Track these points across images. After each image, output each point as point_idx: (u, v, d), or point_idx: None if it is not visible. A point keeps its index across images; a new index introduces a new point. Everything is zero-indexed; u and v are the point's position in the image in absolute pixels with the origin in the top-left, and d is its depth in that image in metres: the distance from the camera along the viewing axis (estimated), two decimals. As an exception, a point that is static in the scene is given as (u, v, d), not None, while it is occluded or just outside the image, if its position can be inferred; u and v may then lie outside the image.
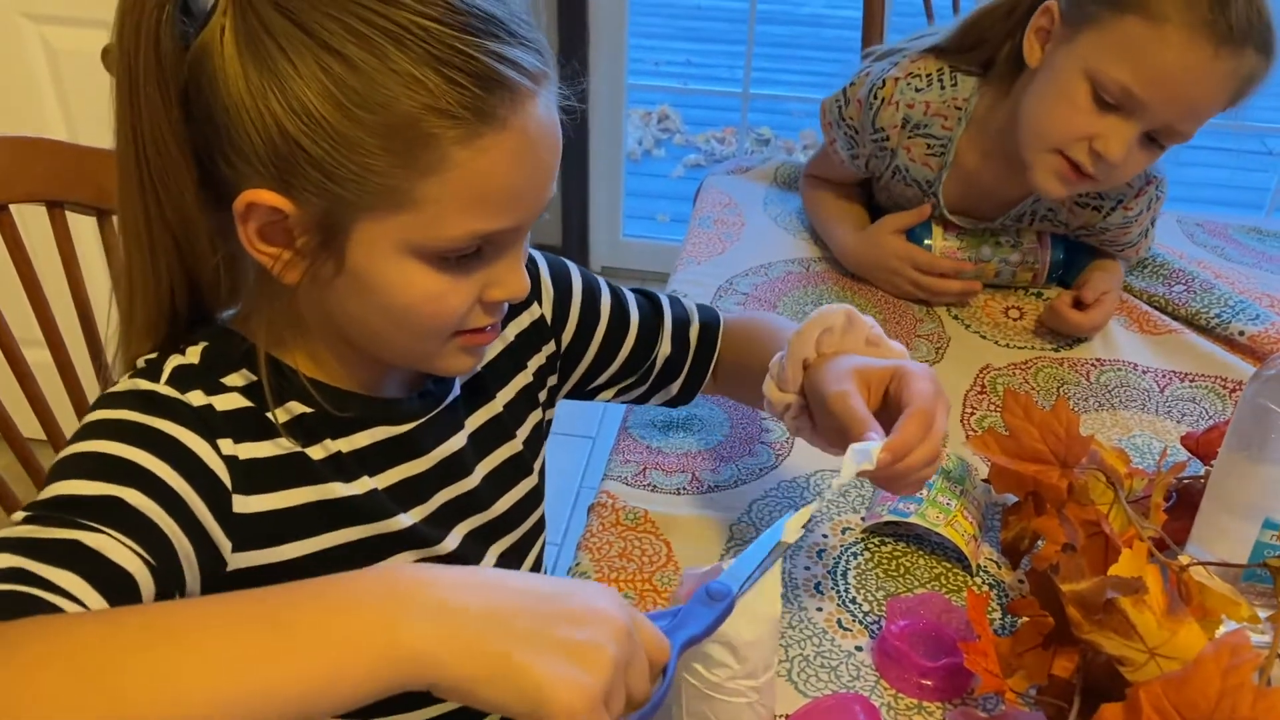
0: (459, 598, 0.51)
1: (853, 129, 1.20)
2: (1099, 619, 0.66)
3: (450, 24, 0.58)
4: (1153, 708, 0.59)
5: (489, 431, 0.80)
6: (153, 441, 0.62)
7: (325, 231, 0.61)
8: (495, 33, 0.60)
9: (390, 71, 0.57)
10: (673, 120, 3.78)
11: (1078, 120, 1.00)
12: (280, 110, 0.57)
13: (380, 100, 0.57)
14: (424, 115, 0.58)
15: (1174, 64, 0.94)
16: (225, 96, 0.58)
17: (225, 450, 0.64)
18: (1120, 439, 1.01)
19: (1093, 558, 0.76)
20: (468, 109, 0.58)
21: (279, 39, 0.57)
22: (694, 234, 1.33)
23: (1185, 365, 1.12)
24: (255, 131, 0.58)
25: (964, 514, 0.85)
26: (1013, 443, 0.82)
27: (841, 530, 0.89)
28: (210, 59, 0.58)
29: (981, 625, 0.73)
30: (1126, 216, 1.13)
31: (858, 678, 0.76)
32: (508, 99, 0.60)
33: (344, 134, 0.58)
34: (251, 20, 0.57)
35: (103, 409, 0.63)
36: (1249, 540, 0.74)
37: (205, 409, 0.64)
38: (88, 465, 0.60)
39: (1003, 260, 1.20)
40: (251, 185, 0.60)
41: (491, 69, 0.59)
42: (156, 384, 0.64)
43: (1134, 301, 1.23)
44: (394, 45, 0.57)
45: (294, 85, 0.57)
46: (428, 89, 0.57)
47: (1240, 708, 0.58)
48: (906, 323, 1.17)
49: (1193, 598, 0.72)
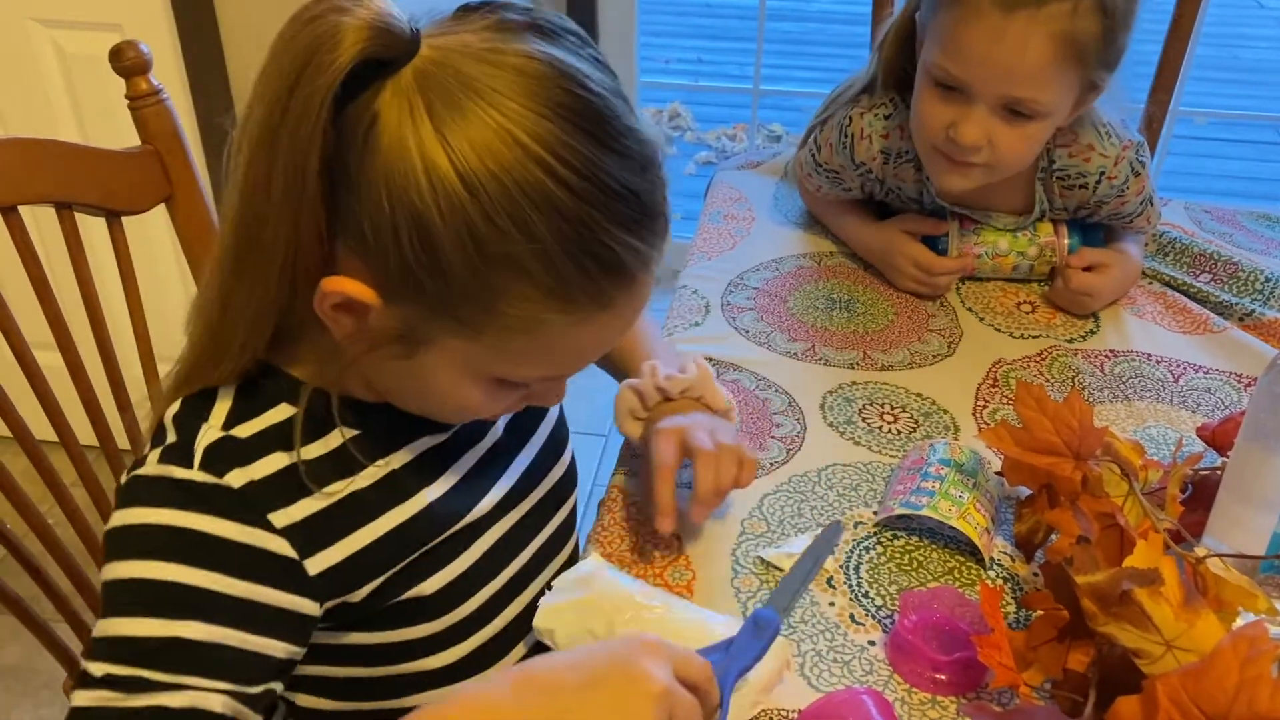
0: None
1: (833, 170, 1.23)
2: (1115, 611, 0.65)
3: (597, 206, 0.57)
4: (1170, 700, 0.59)
5: (527, 418, 0.83)
6: (204, 552, 0.60)
7: (405, 334, 0.61)
8: (636, 217, 0.59)
9: (529, 244, 0.56)
10: (684, 117, 3.78)
11: (930, 113, 1.07)
12: (408, 233, 0.56)
13: (511, 271, 0.57)
14: (544, 299, 0.58)
15: (975, 35, 0.99)
16: (364, 187, 0.56)
17: (280, 524, 0.63)
18: (1135, 430, 1.00)
19: (1108, 550, 0.75)
20: (589, 297, 0.59)
21: (429, 168, 0.55)
22: (704, 229, 1.33)
23: (1204, 358, 1.11)
24: (375, 235, 0.57)
25: (977, 507, 0.85)
26: (1026, 435, 0.81)
27: (854, 524, 0.88)
28: (353, 141, 0.56)
29: (995, 618, 0.72)
30: (1114, 185, 1.13)
31: (871, 672, 0.76)
32: (625, 286, 0.60)
33: (461, 283, 0.57)
34: (409, 129, 0.55)
35: (140, 505, 0.61)
36: (1266, 531, 0.73)
37: (247, 488, 0.63)
38: (146, 597, 0.60)
39: (1020, 254, 1.19)
40: (349, 270, 0.59)
41: (622, 261, 0.59)
42: (191, 470, 0.62)
43: (1158, 287, 1.22)
44: (541, 219, 0.56)
45: (433, 224, 0.55)
46: (560, 275, 0.57)
47: (1259, 700, 0.57)
48: (920, 317, 1.17)
49: (1209, 590, 0.71)
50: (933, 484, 0.86)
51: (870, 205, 1.27)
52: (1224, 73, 4.28)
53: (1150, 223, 1.20)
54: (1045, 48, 0.98)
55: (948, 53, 1.02)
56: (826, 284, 1.22)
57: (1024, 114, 1.02)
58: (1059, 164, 1.13)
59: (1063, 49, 0.98)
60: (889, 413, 1.02)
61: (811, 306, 1.17)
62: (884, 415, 1.01)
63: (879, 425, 1.00)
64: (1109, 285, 1.16)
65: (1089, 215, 1.18)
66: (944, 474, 0.87)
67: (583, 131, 0.57)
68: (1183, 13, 1.41)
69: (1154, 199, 1.18)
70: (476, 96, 0.55)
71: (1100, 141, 1.11)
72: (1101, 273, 1.16)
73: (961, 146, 1.04)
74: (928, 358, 1.10)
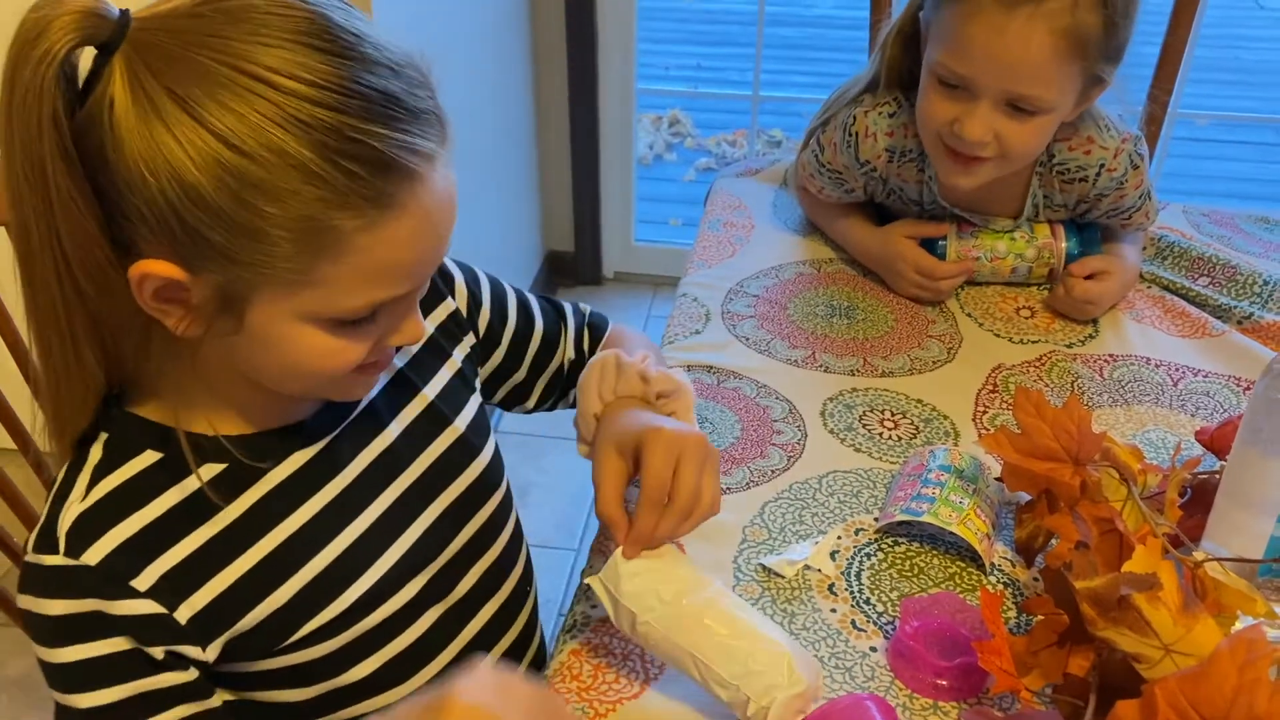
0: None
1: (836, 171, 1.23)
2: (1113, 616, 0.66)
3: (347, 111, 0.58)
4: (1169, 704, 0.59)
5: (424, 423, 0.82)
6: (81, 631, 0.67)
7: (223, 299, 0.62)
8: (393, 113, 0.60)
9: (289, 167, 0.57)
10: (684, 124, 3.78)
11: (934, 109, 1.08)
12: (176, 196, 0.57)
13: (279, 194, 0.58)
14: (323, 208, 0.59)
15: (977, 32, 1.01)
16: (123, 169, 0.58)
17: (142, 587, 0.67)
18: (1134, 434, 1.01)
19: (1107, 555, 0.75)
20: (365, 199, 0.60)
21: (171, 126, 0.57)
22: (704, 237, 1.34)
23: (1202, 362, 1.11)
24: (151, 210, 0.58)
25: (977, 512, 0.85)
26: (1025, 440, 0.82)
27: (855, 531, 0.89)
28: (99, 129, 0.58)
29: (995, 624, 0.72)
30: (1113, 177, 1.14)
31: (872, 678, 0.76)
32: (405, 184, 0.61)
33: (243, 223, 0.58)
34: (143, 101, 0.57)
35: (28, 593, 0.68)
36: (1264, 535, 0.74)
37: (106, 561, 0.66)
38: (63, 678, 0.67)
39: (1018, 256, 1.19)
40: (150, 252, 0.60)
41: (388, 157, 0.60)
42: (57, 555, 0.66)
43: (1156, 291, 1.23)
44: (291, 138, 0.57)
45: (191, 175, 0.57)
46: (326, 182, 0.58)
47: (1257, 703, 0.57)
48: (919, 323, 1.17)
49: (1208, 594, 0.72)
50: (933, 490, 0.86)
51: (869, 210, 1.28)
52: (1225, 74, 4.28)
53: (1149, 218, 1.21)
54: (1047, 43, 0.99)
55: (950, 50, 1.03)
56: (826, 291, 1.22)
57: (1027, 110, 1.03)
58: (1059, 158, 1.14)
59: (1065, 43, 0.99)
60: (889, 419, 1.02)
61: (811, 313, 1.18)
62: (884, 422, 1.02)
63: (879, 432, 1.00)
64: (1110, 292, 1.17)
65: (1089, 210, 1.19)
66: (944, 480, 0.87)
67: (310, 47, 0.58)
68: (1180, 13, 1.41)
69: (1152, 193, 1.18)
70: (197, 48, 0.57)
71: (1100, 134, 1.12)
72: (1103, 280, 1.16)
73: (967, 143, 1.05)
74: (928, 364, 1.11)
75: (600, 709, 0.74)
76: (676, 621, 0.71)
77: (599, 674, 0.76)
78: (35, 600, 0.67)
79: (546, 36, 2.46)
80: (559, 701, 0.74)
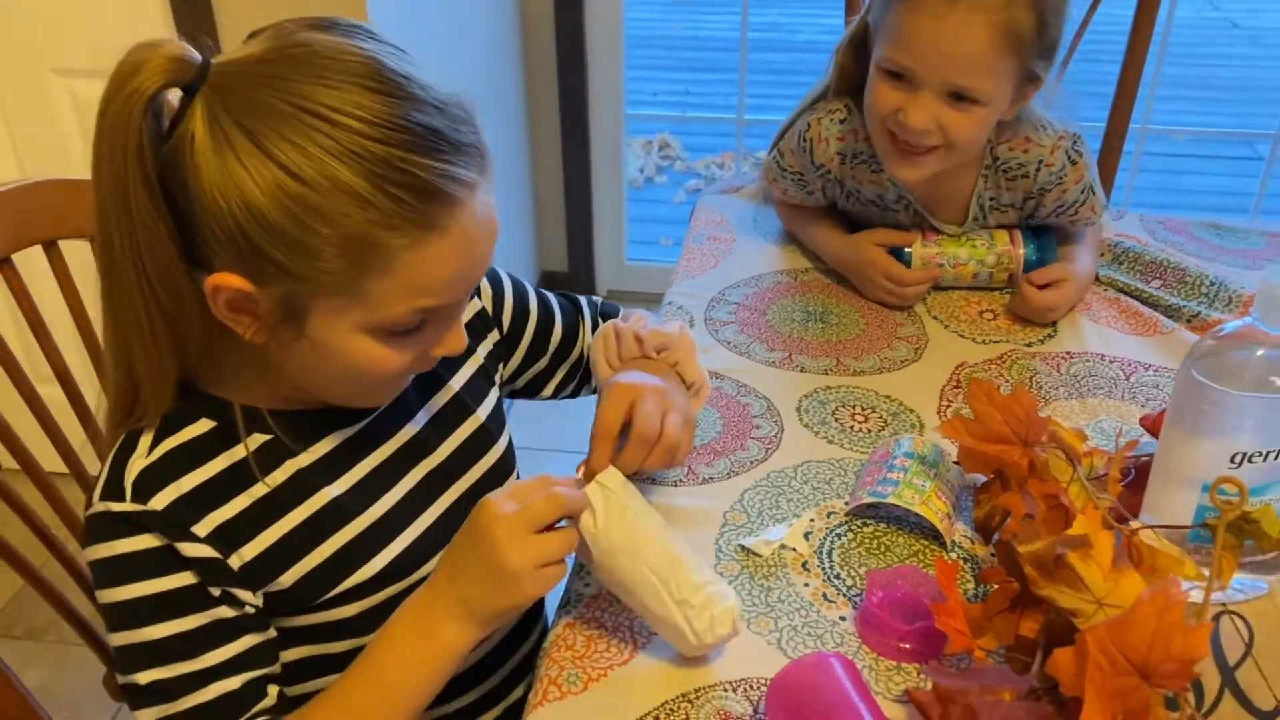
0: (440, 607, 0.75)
1: (797, 174, 1.33)
2: (1052, 575, 0.73)
3: (393, 143, 0.67)
4: (1099, 649, 0.66)
5: (449, 412, 0.91)
6: (153, 566, 0.74)
7: (286, 309, 0.71)
8: (436, 146, 0.69)
9: (342, 193, 0.66)
10: (673, 148, 3.87)
11: (880, 98, 1.16)
12: (244, 217, 0.66)
13: (333, 216, 0.66)
14: (372, 229, 0.67)
15: (920, 23, 1.09)
16: (199, 194, 0.67)
17: (201, 533, 0.75)
18: (1088, 424, 1.08)
19: (1053, 527, 0.82)
20: (411, 221, 0.68)
21: (242, 158, 0.65)
22: (688, 250, 1.41)
23: (1153, 357, 1.19)
24: (223, 230, 0.67)
25: (938, 494, 0.93)
26: (978, 426, 0.89)
27: (827, 514, 0.96)
28: (181, 159, 0.67)
29: (950, 589, 0.79)
30: (1052, 172, 1.22)
31: (841, 644, 0.83)
32: (446, 208, 0.69)
33: (300, 241, 0.67)
34: (219, 136, 0.66)
35: (98, 541, 0.75)
36: (1191, 505, 0.80)
37: (171, 508, 0.74)
38: (132, 614, 0.74)
39: (979, 262, 1.27)
40: (221, 267, 0.69)
41: (430, 184, 0.68)
42: (124, 502, 0.74)
43: (1112, 294, 1.30)
44: (344, 168, 0.66)
45: (256, 200, 0.66)
46: (375, 206, 0.67)
47: (1173, 644, 0.65)
48: (889, 326, 1.25)
49: (1144, 559, 0.79)
50: (898, 475, 0.94)
51: (840, 219, 1.36)
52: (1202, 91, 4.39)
53: (1095, 212, 1.28)
54: (984, 36, 1.07)
55: (895, 42, 1.11)
56: (803, 298, 1.30)
57: (967, 99, 1.11)
58: (1002, 159, 1.23)
59: (1000, 38, 1.08)
60: (860, 413, 1.10)
61: (788, 319, 1.26)
62: (855, 416, 1.09)
63: (851, 425, 1.08)
64: (1068, 298, 1.24)
65: (1037, 208, 1.26)
66: (908, 465, 0.95)
67: (364, 88, 0.67)
68: (1139, 31, 1.49)
69: (1095, 189, 1.26)
70: (266, 89, 0.66)
71: (1037, 134, 1.21)
72: (1060, 287, 1.23)
73: (911, 130, 1.13)
74: (896, 363, 1.18)
75: (593, 674, 0.81)
76: (641, 536, 0.79)
77: (591, 644, 0.83)
78: (105, 545, 0.74)
79: (538, 65, 2.54)
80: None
